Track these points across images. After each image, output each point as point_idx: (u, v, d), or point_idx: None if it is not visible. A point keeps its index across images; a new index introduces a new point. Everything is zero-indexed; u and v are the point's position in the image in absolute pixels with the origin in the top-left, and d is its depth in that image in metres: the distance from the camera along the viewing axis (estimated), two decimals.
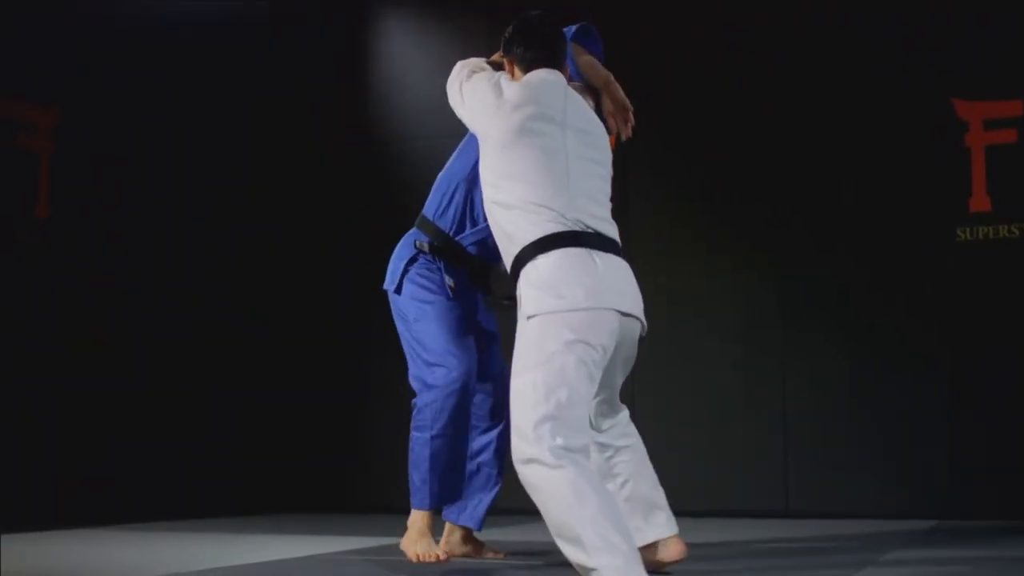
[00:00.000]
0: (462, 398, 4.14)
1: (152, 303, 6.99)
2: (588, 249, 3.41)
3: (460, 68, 4.00)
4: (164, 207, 7.12)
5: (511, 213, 3.47)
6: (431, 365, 4.18)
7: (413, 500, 4.25)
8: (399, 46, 7.89)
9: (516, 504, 4.12)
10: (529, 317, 3.33)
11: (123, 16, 6.91)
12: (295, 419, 7.69)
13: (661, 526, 3.83)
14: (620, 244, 3.56)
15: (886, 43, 6.66)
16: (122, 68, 6.84)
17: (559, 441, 3.16)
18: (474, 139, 3.99)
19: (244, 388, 7.53)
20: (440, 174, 4.47)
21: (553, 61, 3.79)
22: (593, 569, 3.03)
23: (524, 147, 3.51)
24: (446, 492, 4.22)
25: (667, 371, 6.72)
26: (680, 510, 4.00)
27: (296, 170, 7.92)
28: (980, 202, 6.44)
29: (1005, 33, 6.46)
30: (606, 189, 3.63)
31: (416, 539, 4.19)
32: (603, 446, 3.77)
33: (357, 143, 7.90)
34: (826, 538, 5.20)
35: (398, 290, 4.33)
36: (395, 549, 4.91)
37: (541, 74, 3.73)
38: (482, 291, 4.39)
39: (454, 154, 4.49)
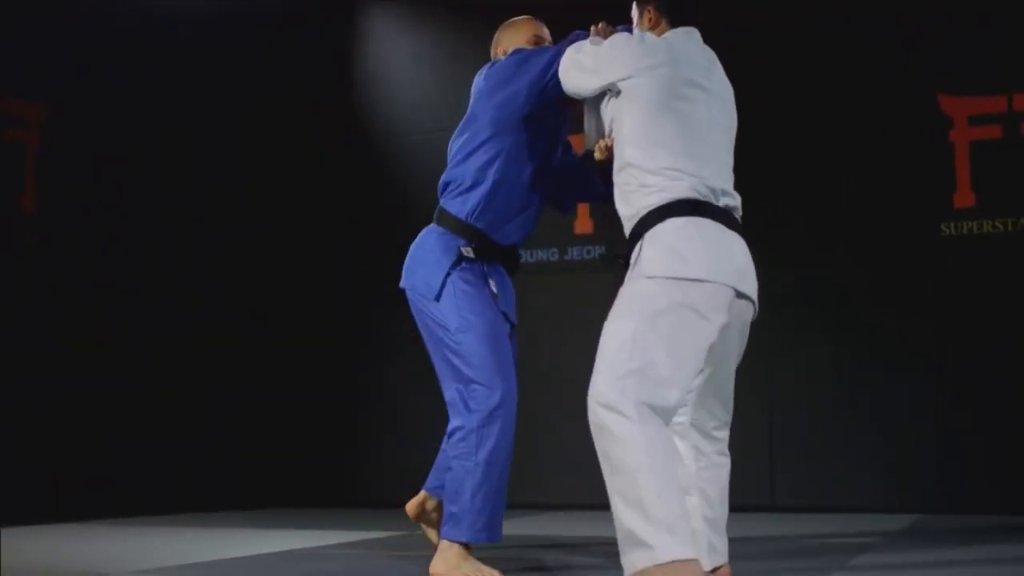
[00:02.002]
0: (505, 422, 3.86)
1: (149, 301, 7.00)
2: (716, 223, 3.33)
3: (571, 50, 3.79)
4: (159, 205, 7.12)
5: (653, 177, 3.35)
6: (471, 382, 3.88)
7: (450, 531, 3.85)
8: (390, 42, 7.88)
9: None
10: (649, 277, 3.22)
11: (116, 15, 6.91)
12: (288, 416, 7.70)
13: (718, 553, 3.56)
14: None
15: (872, 40, 6.67)
16: (115, 66, 6.85)
17: (645, 397, 3.07)
18: (497, 130, 3.99)
19: (237, 385, 7.54)
20: (462, 170, 4.16)
21: (695, 17, 3.63)
22: (644, 540, 2.95)
23: (674, 112, 3.40)
24: (486, 525, 3.84)
25: None
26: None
27: (290, 168, 7.92)
28: (965, 197, 6.46)
29: (990, 29, 6.48)
30: (732, 160, 3.55)
31: (458, 563, 3.81)
32: (700, 453, 3.62)
33: (350, 140, 7.89)
34: (811, 533, 5.21)
35: (438, 297, 4.01)
36: (375, 543, 4.93)
37: (687, 34, 3.58)
38: (511, 272, 4.21)
39: (475, 148, 4.16)
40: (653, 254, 3.25)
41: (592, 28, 3.90)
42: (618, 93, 3.51)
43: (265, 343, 7.76)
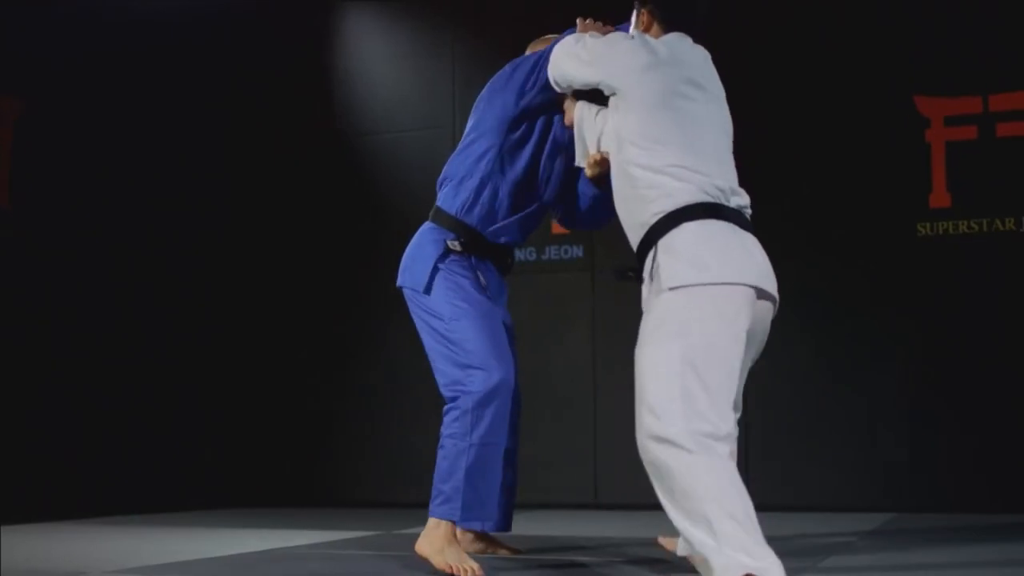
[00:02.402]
0: (503, 404, 3.86)
1: (123, 300, 6.96)
2: (731, 224, 3.30)
3: (569, 40, 3.77)
4: (134, 202, 7.08)
5: (659, 177, 3.30)
6: (467, 368, 3.88)
7: (438, 510, 3.85)
8: (367, 41, 7.86)
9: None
10: (672, 288, 3.18)
11: (93, 11, 6.86)
12: (263, 415, 7.69)
13: None
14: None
15: (849, 41, 6.69)
16: (91, 62, 6.82)
17: (698, 425, 3.04)
18: (492, 128, 4.05)
19: (212, 385, 7.51)
20: (456, 167, 4.20)
21: (692, 25, 3.62)
22: (716, 559, 2.95)
23: (677, 111, 3.38)
24: (478, 507, 3.86)
25: (628, 364, 6.75)
26: (640, 503, 4.01)
27: (267, 167, 7.89)
28: (940, 198, 6.50)
29: (966, 31, 6.51)
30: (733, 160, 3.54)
31: (443, 547, 3.79)
32: None
33: (323, 137, 7.87)
34: (785, 532, 5.22)
35: (427, 290, 4.04)
36: (352, 543, 4.92)
37: (680, 38, 3.57)
38: (503, 272, 4.24)
39: (471, 146, 4.19)
40: (672, 264, 3.21)
41: (579, 22, 3.91)
42: (614, 94, 3.50)
43: (240, 342, 7.73)
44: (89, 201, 6.81)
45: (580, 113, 3.83)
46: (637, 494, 6.64)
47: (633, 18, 3.72)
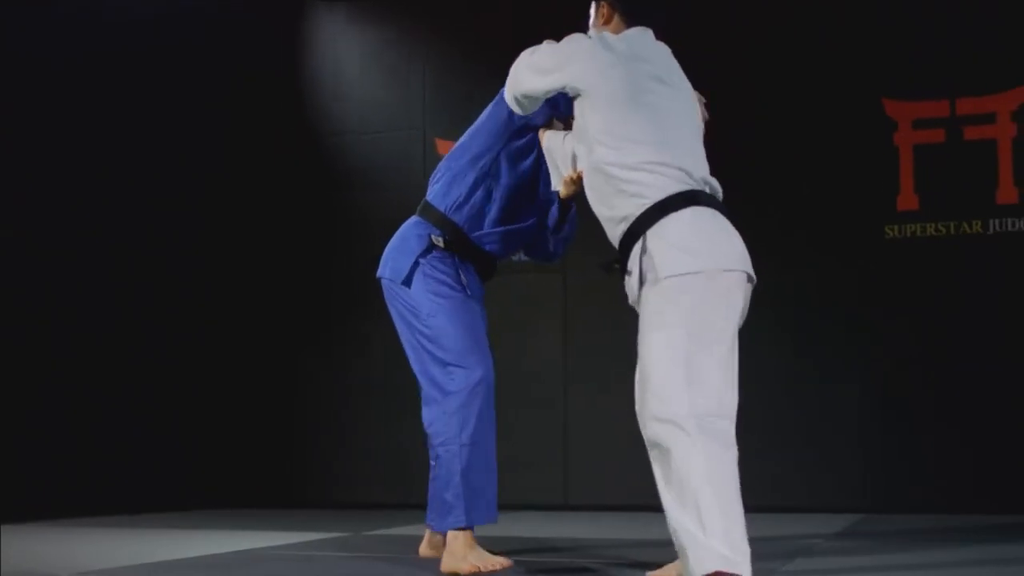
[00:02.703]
0: (486, 400, 3.85)
1: (92, 300, 6.91)
2: (712, 209, 3.34)
3: (522, 56, 3.69)
4: (101, 203, 7.02)
5: (635, 173, 3.30)
6: (447, 365, 3.88)
7: (444, 522, 3.83)
8: (338, 42, 7.85)
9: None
10: (668, 276, 3.19)
11: (61, 14, 6.84)
12: (233, 416, 7.67)
13: None
14: None
15: (818, 42, 6.73)
16: (60, 65, 6.78)
17: (703, 407, 3.10)
18: (495, 132, 4.04)
19: (189, 386, 7.47)
20: (451, 164, 4.17)
21: (653, 18, 3.60)
22: (704, 548, 2.99)
23: (644, 107, 3.37)
24: (482, 506, 3.82)
25: (598, 365, 6.78)
26: (610, 504, 4.03)
27: (237, 167, 7.86)
28: (908, 200, 6.54)
29: (935, 35, 6.56)
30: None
31: (465, 554, 3.78)
32: None
33: (294, 138, 7.85)
34: (752, 534, 5.24)
35: (407, 283, 4.02)
36: (323, 544, 4.92)
37: (641, 32, 3.54)
38: (486, 280, 4.23)
39: (470, 144, 4.17)
40: (664, 252, 3.23)
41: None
42: (578, 96, 3.46)
43: (211, 343, 7.70)
44: (55, 203, 6.75)
45: (548, 142, 3.87)
46: (607, 495, 6.72)
47: (592, 12, 3.69)
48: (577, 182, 3.75)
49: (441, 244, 4.03)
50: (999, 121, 6.43)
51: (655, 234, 3.26)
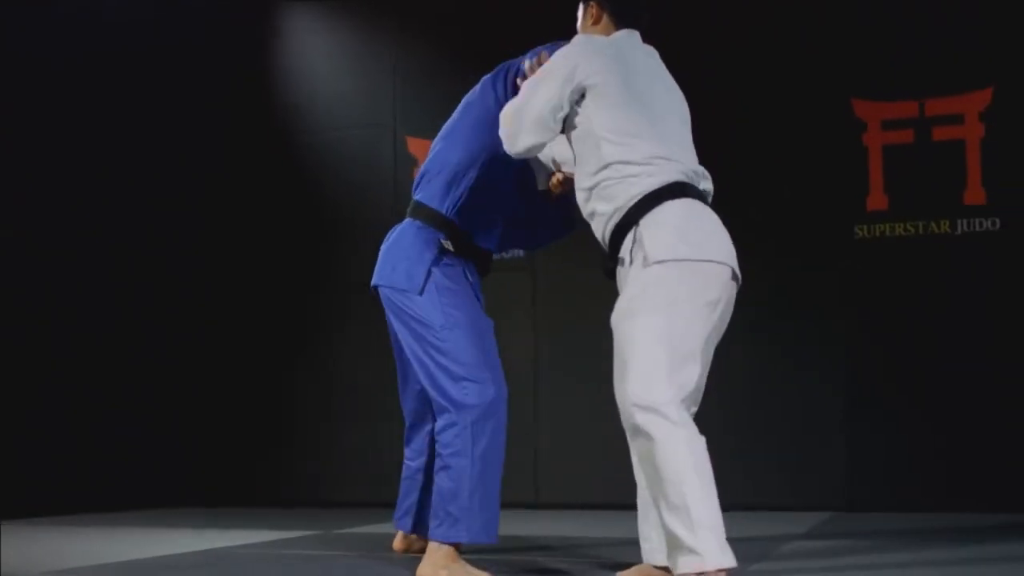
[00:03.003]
0: (500, 418, 3.77)
1: (66, 297, 6.86)
2: (704, 204, 3.42)
3: (516, 99, 3.60)
4: (73, 201, 6.97)
5: (637, 167, 3.35)
6: (460, 380, 3.75)
7: (445, 532, 3.70)
8: (305, 38, 7.83)
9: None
10: (658, 262, 3.23)
11: (33, 14, 6.81)
12: (210, 415, 7.63)
13: None
14: None
15: (787, 44, 6.74)
16: (35, 62, 6.75)
17: (681, 397, 3.14)
18: (475, 135, 3.94)
19: (159, 385, 7.42)
20: (444, 162, 4.04)
21: (641, 19, 3.66)
22: (691, 547, 3.02)
23: (643, 105, 3.44)
24: (485, 525, 3.72)
25: (568, 364, 6.78)
26: (580, 502, 4.03)
27: (208, 164, 7.82)
28: (877, 200, 6.57)
29: (904, 36, 6.59)
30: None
31: (446, 563, 3.69)
32: None
33: (263, 135, 7.82)
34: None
35: (421, 292, 3.86)
36: (292, 542, 4.90)
37: (631, 35, 3.61)
38: (483, 275, 4.14)
39: (458, 141, 4.06)
40: (658, 236, 3.26)
41: (527, 66, 3.85)
42: (581, 98, 3.47)
43: (182, 342, 7.66)
44: (31, 201, 6.70)
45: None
46: (577, 494, 6.72)
47: (581, 12, 3.72)
48: (565, 183, 3.75)
49: (451, 248, 3.91)
50: (967, 122, 6.46)
51: (650, 220, 3.30)
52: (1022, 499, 6.03)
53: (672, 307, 3.21)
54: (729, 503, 3.64)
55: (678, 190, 3.35)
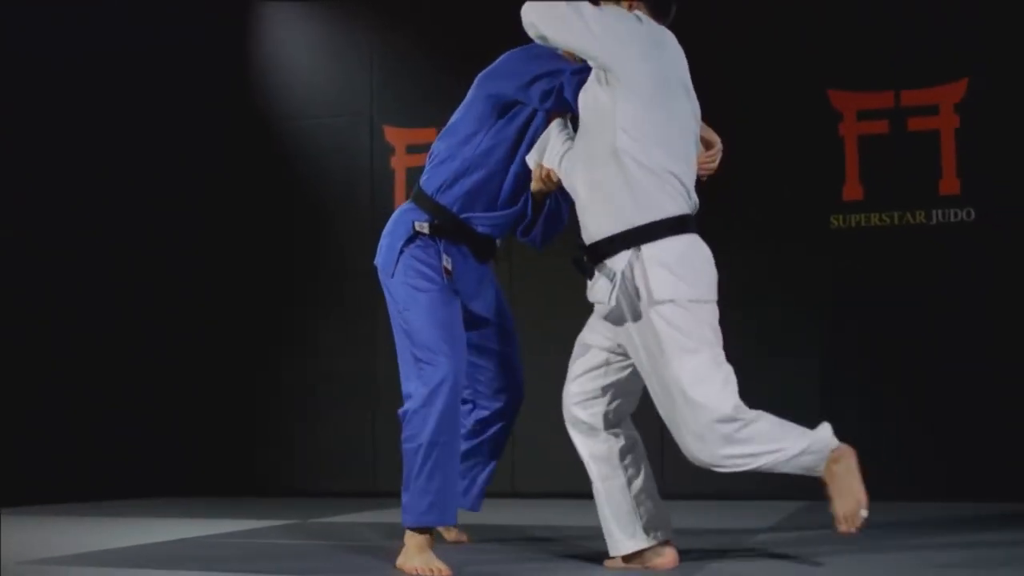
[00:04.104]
0: (448, 401, 3.71)
1: (43, 289, 6.83)
2: (699, 238, 3.48)
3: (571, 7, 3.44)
4: (53, 194, 6.94)
5: (648, 176, 3.35)
6: (419, 361, 3.77)
7: (405, 518, 3.74)
8: (284, 27, 7.80)
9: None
10: (669, 301, 3.34)
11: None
12: (188, 404, 7.61)
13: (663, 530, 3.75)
14: None
15: (763, 35, 6.77)
16: (14, 53, 6.74)
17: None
18: (484, 113, 3.86)
19: (138, 374, 7.39)
20: (442, 146, 4.00)
21: (670, 16, 3.68)
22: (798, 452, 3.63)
23: (667, 110, 3.42)
24: (431, 506, 3.70)
25: (544, 352, 6.78)
26: (555, 492, 4.03)
27: (185, 154, 7.79)
28: (853, 191, 6.60)
29: (880, 27, 6.61)
30: None
31: (413, 555, 3.69)
32: (630, 437, 3.84)
33: (242, 124, 7.79)
34: (699, 520, 5.28)
35: (393, 273, 3.91)
36: (270, 531, 4.90)
37: (665, 32, 3.57)
38: (485, 262, 4.09)
39: (458, 125, 3.99)
40: (669, 277, 3.36)
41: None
42: (605, 70, 3.40)
43: (161, 330, 7.63)
44: (12, 192, 6.67)
45: (555, 127, 3.76)
46: (553, 483, 6.73)
47: None
48: (548, 182, 3.72)
49: (426, 230, 3.90)
50: (942, 113, 6.50)
51: (655, 255, 3.35)
52: (997, 487, 6.07)
53: (710, 342, 3.46)
54: (702, 493, 3.68)
55: (684, 224, 3.40)
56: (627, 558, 3.62)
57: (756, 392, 6.52)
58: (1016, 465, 6.14)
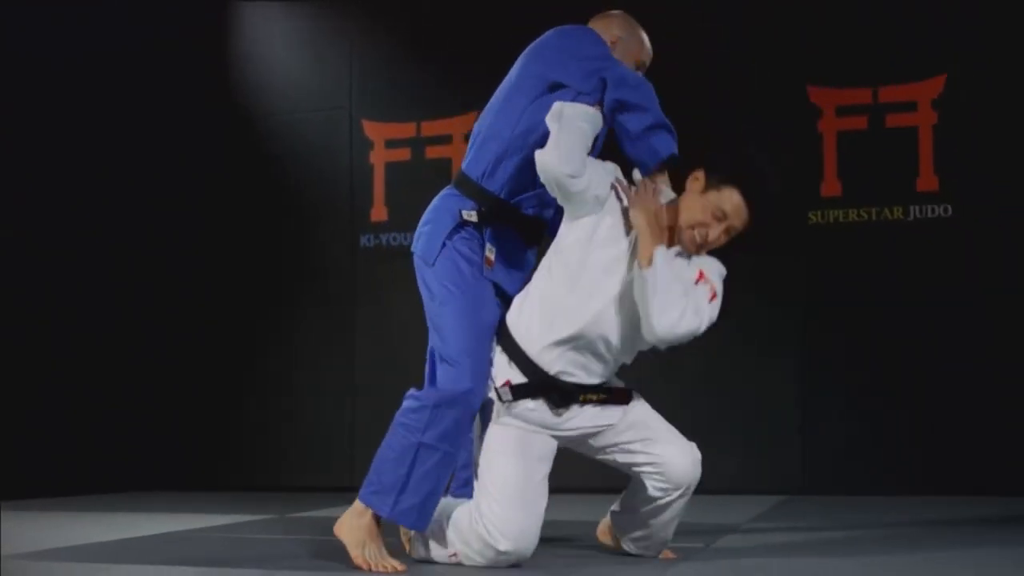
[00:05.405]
0: (465, 412, 3.56)
1: (19, 283, 6.80)
2: None
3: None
4: (31, 186, 6.90)
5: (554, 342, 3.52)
6: (443, 360, 3.61)
7: (370, 498, 3.55)
8: (263, 21, 7.78)
9: None
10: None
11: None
12: (165, 398, 7.59)
13: None
14: None
15: (743, 30, 6.78)
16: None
17: None
18: (527, 91, 3.70)
19: (117, 369, 7.37)
20: (483, 126, 3.81)
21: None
22: None
23: (588, 289, 3.56)
24: (416, 510, 3.53)
25: None
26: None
27: (165, 146, 7.76)
28: (831, 187, 6.62)
29: (859, 24, 6.64)
30: None
31: (363, 539, 3.54)
32: None
33: (222, 118, 7.77)
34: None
35: (433, 263, 3.71)
36: (248, 526, 4.88)
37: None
38: (534, 245, 3.87)
39: (499, 104, 3.80)
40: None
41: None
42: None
43: (140, 325, 7.60)
44: None
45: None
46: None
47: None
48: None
49: (474, 218, 3.70)
50: (920, 109, 6.52)
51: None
52: (976, 481, 6.11)
53: None
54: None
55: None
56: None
57: (734, 387, 6.61)
58: (997, 459, 6.18)
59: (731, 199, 3.71)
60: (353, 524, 3.57)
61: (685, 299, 3.50)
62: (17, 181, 6.74)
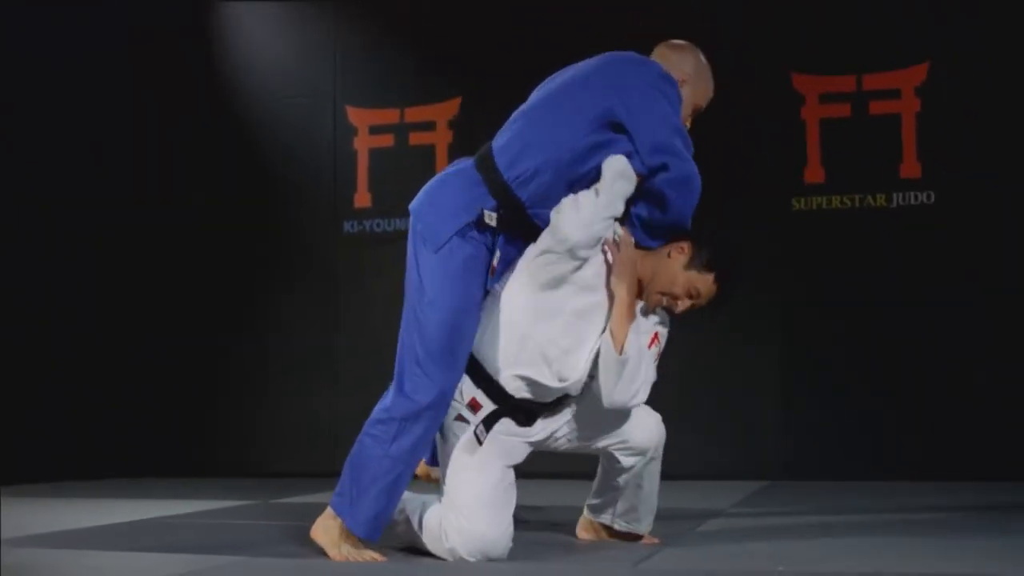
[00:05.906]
0: (431, 424, 3.49)
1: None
2: None
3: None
4: (14, 169, 6.87)
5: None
6: (416, 364, 3.47)
7: (340, 507, 3.54)
8: (245, 5, 7.75)
9: None
10: None
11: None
12: (145, 384, 7.57)
13: None
14: None
15: (727, 17, 6.77)
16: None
17: None
18: (579, 124, 3.54)
19: (98, 355, 7.34)
20: (528, 130, 3.61)
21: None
22: None
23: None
24: (370, 520, 3.49)
25: None
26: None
27: (148, 133, 7.73)
28: (815, 173, 6.63)
29: (842, 11, 6.64)
30: None
31: (339, 540, 3.54)
32: None
33: (206, 103, 7.73)
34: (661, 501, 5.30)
35: (437, 251, 3.51)
36: (230, 512, 4.88)
37: None
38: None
39: (553, 115, 3.62)
40: None
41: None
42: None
43: (121, 311, 7.58)
44: None
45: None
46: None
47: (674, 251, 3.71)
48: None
49: (493, 223, 3.51)
50: (904, 96, 6.53)
51: None
52: (958, 467, 6.13)
53: None
54: (666, 472, 3.70)
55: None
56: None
57: (718, 373, 6.61)
58: (978, 445, 6.20)
59: (707, 285, 3.73)
60: (328, 525, 3.59)
61: (641, 376, 3.53)
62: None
